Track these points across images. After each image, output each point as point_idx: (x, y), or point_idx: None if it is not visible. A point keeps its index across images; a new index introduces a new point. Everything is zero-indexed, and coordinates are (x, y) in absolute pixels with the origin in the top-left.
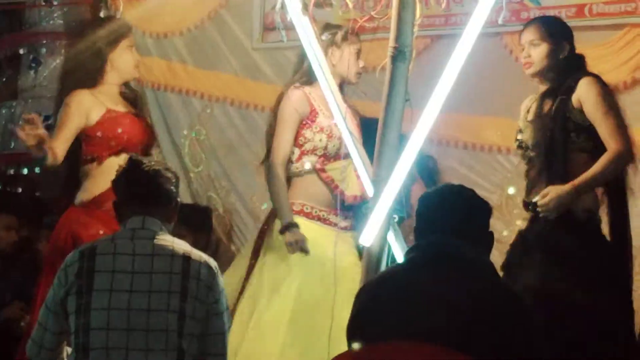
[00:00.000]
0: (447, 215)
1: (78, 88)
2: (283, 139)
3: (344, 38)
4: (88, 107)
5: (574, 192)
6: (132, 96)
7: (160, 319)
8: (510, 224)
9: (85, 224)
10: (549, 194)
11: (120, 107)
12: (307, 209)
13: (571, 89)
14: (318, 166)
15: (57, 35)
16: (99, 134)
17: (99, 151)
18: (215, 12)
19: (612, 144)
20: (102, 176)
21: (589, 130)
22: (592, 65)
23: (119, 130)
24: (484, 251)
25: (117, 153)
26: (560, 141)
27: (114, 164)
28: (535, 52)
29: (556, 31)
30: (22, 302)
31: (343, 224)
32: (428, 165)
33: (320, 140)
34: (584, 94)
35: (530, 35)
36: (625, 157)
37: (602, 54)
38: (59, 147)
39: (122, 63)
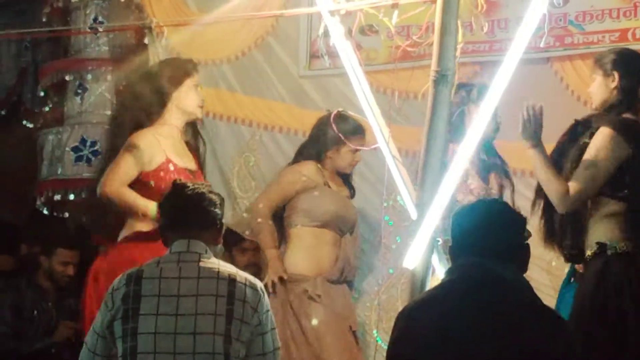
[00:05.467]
0: (481, 235)
1: (135, 123)
2: None
3: None
4: (152, 153)
5: None
6: (195, 147)
7: (207, 341)
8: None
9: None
10: None
11: (178, 159)
12: None
13: (592, 135)
14: None
15: (103, 61)
16: (151, 183)
17: (147, 197)
18: (262, 39)
19: (572, 182)
20: (145, 219)
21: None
22: None
23: None
24: (520, 268)
25: None
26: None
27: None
28: (592, 85)
29: (608, 60)
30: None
31: None
32: None
33: None
34: (592, 141)
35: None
36: (567, 199)
37: None
38: (115, 187)
39: (187, 102)
